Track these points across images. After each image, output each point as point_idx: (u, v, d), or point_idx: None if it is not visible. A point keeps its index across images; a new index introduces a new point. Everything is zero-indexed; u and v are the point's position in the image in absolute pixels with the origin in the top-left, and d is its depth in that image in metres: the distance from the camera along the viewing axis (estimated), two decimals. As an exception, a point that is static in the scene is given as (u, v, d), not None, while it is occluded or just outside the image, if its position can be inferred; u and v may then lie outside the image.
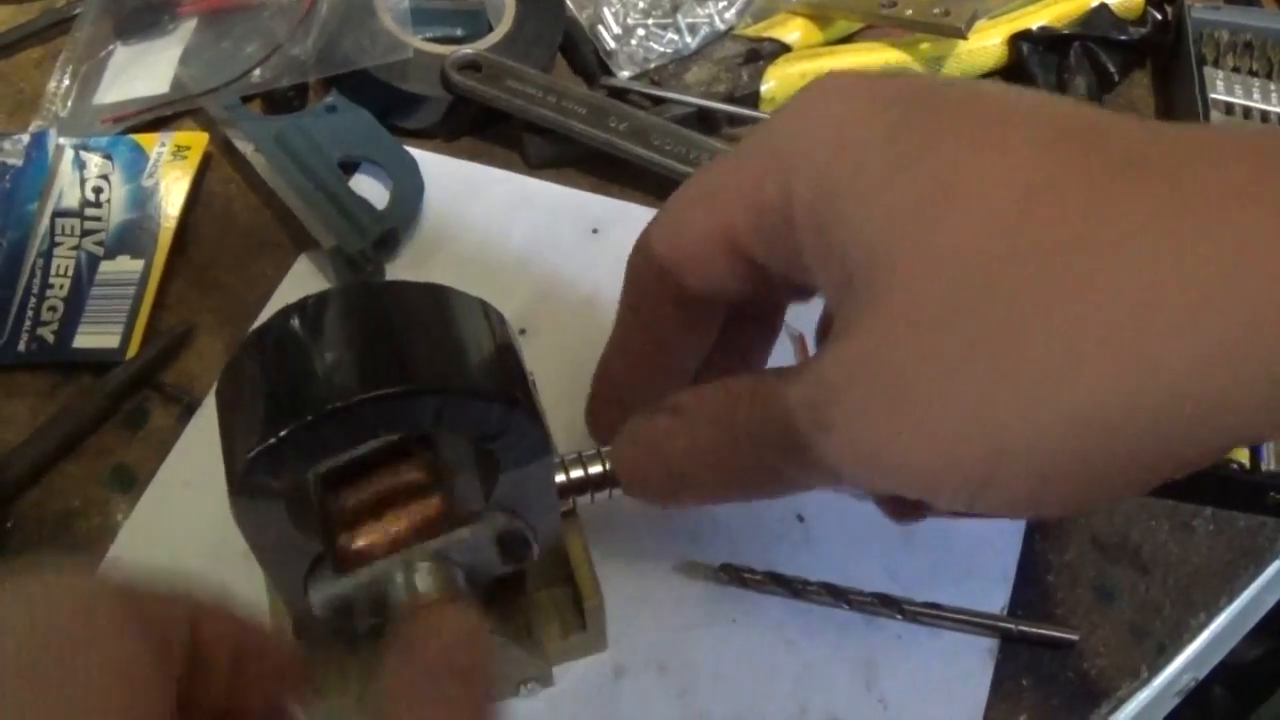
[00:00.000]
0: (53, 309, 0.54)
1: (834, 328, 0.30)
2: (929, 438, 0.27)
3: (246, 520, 0.35)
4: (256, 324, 0.36)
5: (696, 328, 0.38)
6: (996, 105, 0.29)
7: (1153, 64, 0.68)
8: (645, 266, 0.37)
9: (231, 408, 0.35)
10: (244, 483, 0.33)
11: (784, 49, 0.64)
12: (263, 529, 0.35)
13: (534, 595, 0.44)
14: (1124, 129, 0.27)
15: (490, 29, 0.64)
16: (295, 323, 0.34)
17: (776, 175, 0.31)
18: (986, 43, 0.65)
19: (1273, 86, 0.62)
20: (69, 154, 0.60)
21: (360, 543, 0.37)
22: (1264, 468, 0.49)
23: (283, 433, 0.32)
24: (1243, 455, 0.48)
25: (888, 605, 0.45)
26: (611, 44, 0.64)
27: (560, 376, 0.50)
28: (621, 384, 0.39)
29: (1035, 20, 0.65)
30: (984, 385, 0.26)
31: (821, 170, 0.30)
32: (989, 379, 0.26)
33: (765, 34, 0.65)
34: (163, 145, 0.60)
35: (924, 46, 0.64)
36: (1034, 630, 0.46)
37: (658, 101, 0.61)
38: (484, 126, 0.62)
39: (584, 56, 0.65)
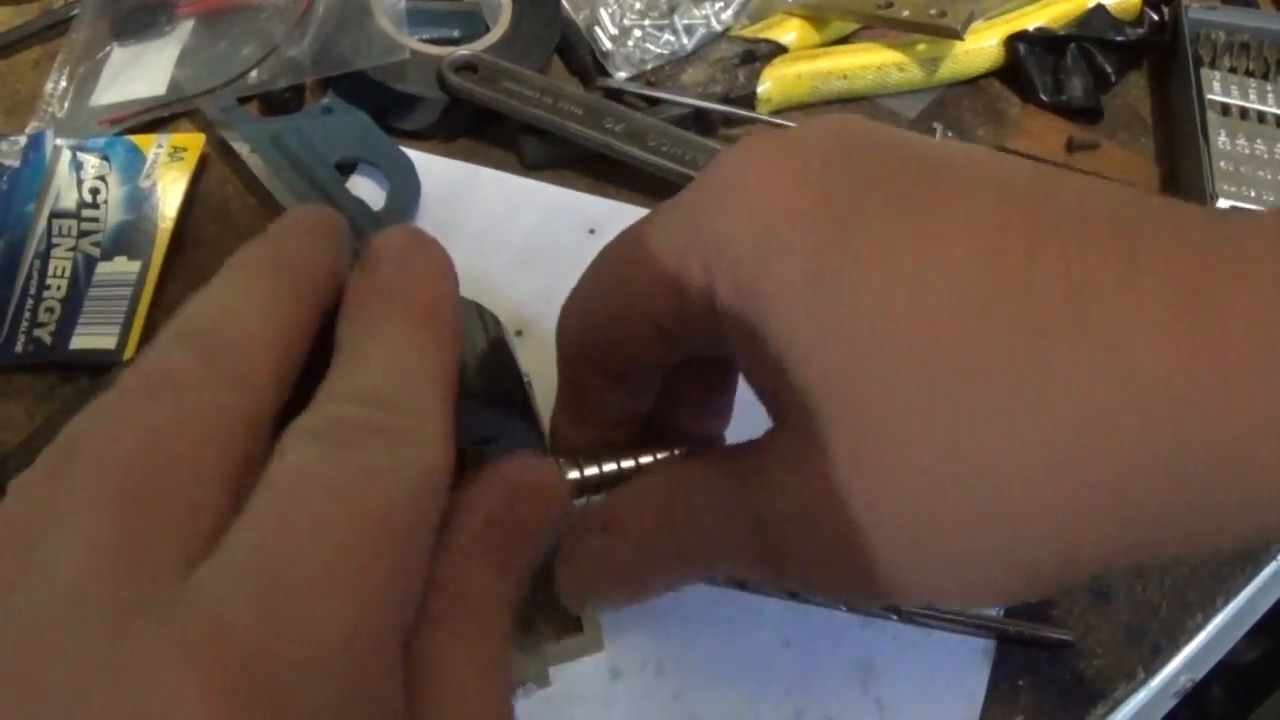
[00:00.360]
0: (50, 310, 0.54)
1: (773, 436, 0.30)
2: (870, 576, 0.28)
3: None
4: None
5: (634, 390, 0.37)
6: (932, 192, 0.27)
7: (1149, 65, 0.68)
8: (569, 338, 0.36)
9: None
10: None
11: (780, 50, 0.64)
12: None
13: (530, 596, 0.44)
14: (1075, 221, 0.26)
15: (487, 30, 0.64)
16: None
17: (698, 269, 0.30)
18: (983, 44, 0.65)
19: (1269, 87, 0.62)
20: (66, 155, 0.60)
21: None
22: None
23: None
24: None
25: (884, 606, 0.45)
26: (608, 45, 0.64)
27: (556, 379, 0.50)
28: (573, 440, 0.38)
29: (1032, 21, 0.65)
30: (921, 536, 0.27)
31: (744, 272, 0.29)
32: (925, 530, 0.27)
33: (761, 35, 0.65)
34: (160, 146, 0.60)
35: (920, 47, 0.64)
36: (1030, 631, 0.46)
37: (654, 103, 0.61)
38: (480, 128, 0.62)
39: (580, 58, 0.65)
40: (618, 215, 0.59)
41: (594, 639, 0.44)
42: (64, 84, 0.63)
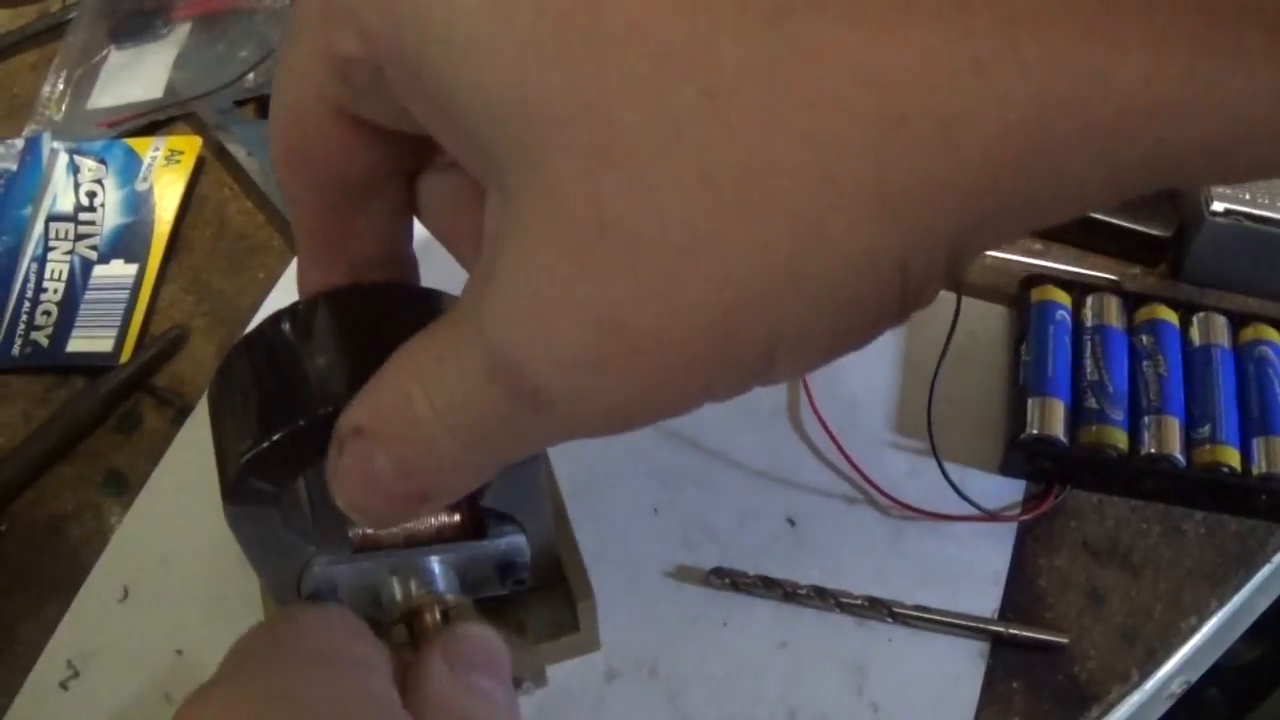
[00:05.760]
0: (47, 313, 0.54)
1: (494, 227, 0.24)
2: (668, 375, 0.23)
3: (240, 525, 0.35)
4: (249, 329, 0.36)
5: (369, 208, 0.32)
6: None
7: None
8: (275, 157, 0.31)
9: (223, 413, 0.35)
10: (237, 487, 0.33)
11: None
12: (256, 533, 0.36)
13: (527, 595, 0.44)
14: None
15: (484, 33, 0.64)
16: (287, 327, 0.34)
17: (342, 14, 0.25)
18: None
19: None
20: (63, 158, 0.60)
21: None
22: (1254, 471, 0.49)
23: (275, 437, 0.32)
24: (1233, 459, 0.48)
25: (878, 608, 0.46)
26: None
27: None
28: (314, 283, 0.34)
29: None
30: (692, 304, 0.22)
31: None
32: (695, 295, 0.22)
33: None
34: (156, 150, 0.60)
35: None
36: (1024, 633, 0.46)
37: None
38: (477, 130, 0.62)
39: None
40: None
41: (590, 638, 0.44)
42: (61, 87, 0.64)
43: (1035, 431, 0.49)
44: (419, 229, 0.34)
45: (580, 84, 0.21)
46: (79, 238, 0.57)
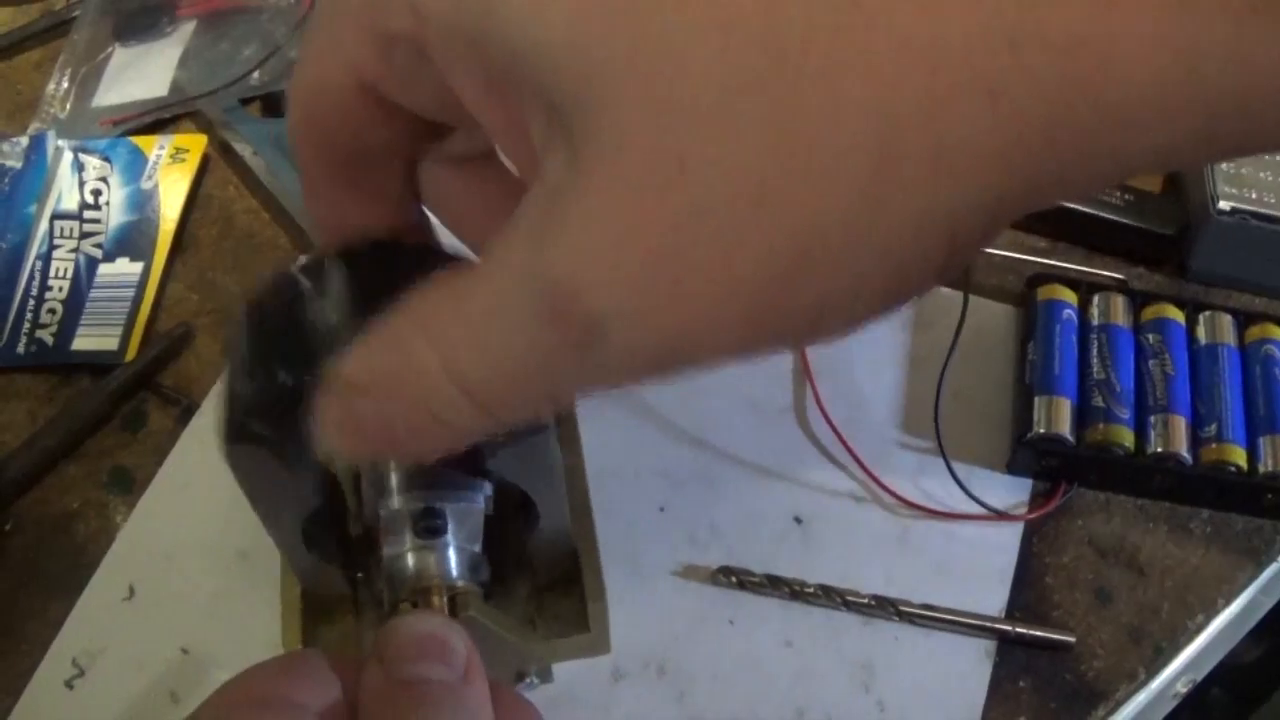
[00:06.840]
0: (52, 311, 0.54)
1: (544, 184, 0.24)
2: (746, 306, 0.23)
3: (240, 464, 0.35)
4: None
5: (372, 186, 0.32)
6: None
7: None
8: (291, 121, 0.31)
9: (234, 353, 0.35)
10: (237, 428, 0.33)
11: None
12: (256, 475, 0.35)
13: (539, 591, 0.44)
14: None
15: (489, 31, 0.64)
16: (308, 277, 0.34)
17: None
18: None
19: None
20: (68, 156, 0.60)
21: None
22: (1261, 470, 0.49)
23: (278, 384, 0.32)
24: (1240, 458, 0.48)
25: (885, 607, 0.45)
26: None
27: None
28: (327, 245, 0.34)
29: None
30: (780, 233, 0.23)
31: None
32: (784, 221, 0.23)
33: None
34: (161, 148, 0.60)
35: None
36: (1031, 632, 0.46)
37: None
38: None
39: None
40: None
41: (601, 640, 0.44)
42: (66, 85, 0.63)
43: (1042, 430, 0.49)
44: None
45: (646, 40, 0.22)
46: (84, 236, 0.57)
